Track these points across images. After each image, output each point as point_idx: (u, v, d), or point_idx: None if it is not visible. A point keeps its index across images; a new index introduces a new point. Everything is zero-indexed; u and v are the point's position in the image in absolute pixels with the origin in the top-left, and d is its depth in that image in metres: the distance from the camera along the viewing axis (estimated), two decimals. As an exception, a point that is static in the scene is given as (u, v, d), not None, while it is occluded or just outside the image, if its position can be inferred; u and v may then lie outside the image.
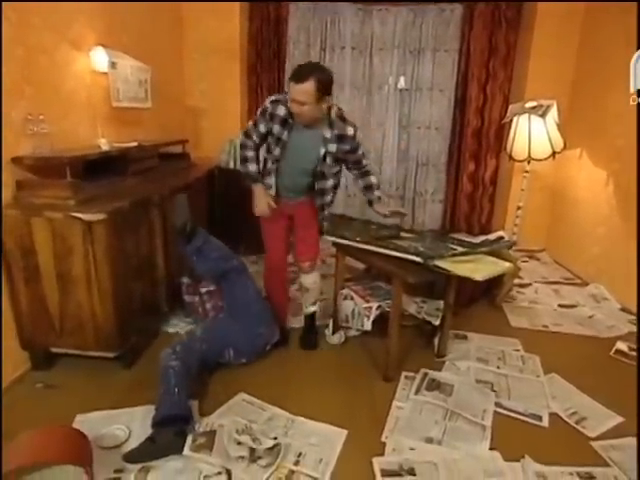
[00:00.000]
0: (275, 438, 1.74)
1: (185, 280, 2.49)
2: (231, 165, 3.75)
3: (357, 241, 2.18)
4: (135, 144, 2.62)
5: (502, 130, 4.09)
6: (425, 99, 4.35)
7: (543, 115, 3.15)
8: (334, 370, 2.25)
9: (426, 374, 2.24)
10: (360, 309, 2.20)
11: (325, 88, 2.01)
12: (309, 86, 1.96)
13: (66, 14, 2.33)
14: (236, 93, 4.10)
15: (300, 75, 1.98)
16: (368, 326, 2.16)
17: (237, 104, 4.12)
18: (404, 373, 2.26)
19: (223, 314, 2.34)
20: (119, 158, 2.50)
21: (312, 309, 2.74)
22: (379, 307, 2.17)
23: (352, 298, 2.28)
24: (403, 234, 2.44)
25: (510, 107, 3.47)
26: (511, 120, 3.44)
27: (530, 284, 3.41)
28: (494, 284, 2.99)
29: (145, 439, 1.73)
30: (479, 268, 1.90)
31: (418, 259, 1.96)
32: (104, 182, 2.30)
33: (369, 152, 4.60)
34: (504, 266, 2.00)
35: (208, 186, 3.28)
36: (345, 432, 1.84)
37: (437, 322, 2.18)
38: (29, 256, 1.96)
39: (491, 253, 2.09)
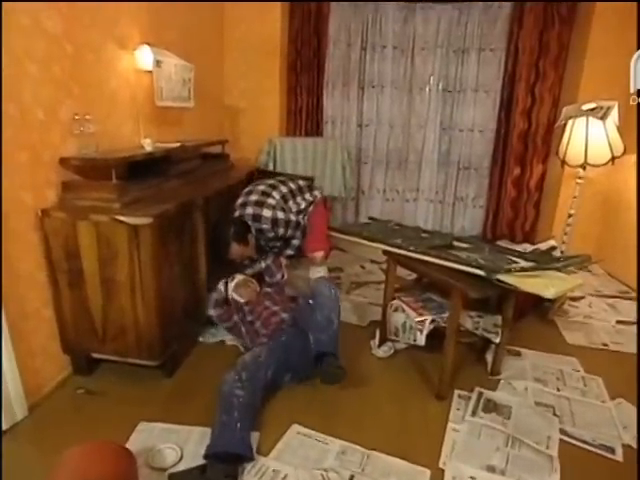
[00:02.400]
0: (352, 477, 1.61)
1: (215, 295, 2.34)
2: (270, 166, 3.65)
3: (412, 250, 2.04)
4: (178, 145, 2.54)
5: (550, 134, 3.88)
6: (469, 100, 4.17)
7: (603, 117, 2.92)
8: (384, 388, 2.10)
9: (481, 394, 2.08)
10: (412, 322, 2.05)
11: (243, 238, 2.44)
12: (234, 247, 2.41)
13: (111, 12, 2.26)
14: (275, 92, 4.00)
15: (222, 250, 2.42)
16: (422, 341, 2.02)
17: (276, 103, 4.02)
18: (457, 392, 2.11)
19: (286, 332, 2.18)
20: (162, 159, 2.42)
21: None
22: (433, 321, 2.02)
23: (403, 310, 2.14)
24: (456, 243, 2.29)
25: (564, 109, 3.25)
26: (565, 123, 3.23)
27: (583, 297, 3.19)
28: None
29: (196, 467, 1.61)
30: (549, 284, 1.73)
31: (481, 273, 1.80)
32: (148, 184, 2.22)
33: (408, 155, 4.46)
34: (574, 282, 1.83)
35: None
36: (428, 472, 1.66)
37: (497, 340, 2.02)
38: (73, 259, 1.89)
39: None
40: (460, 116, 4.24)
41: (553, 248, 2.84)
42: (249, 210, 2.54)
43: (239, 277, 2.38)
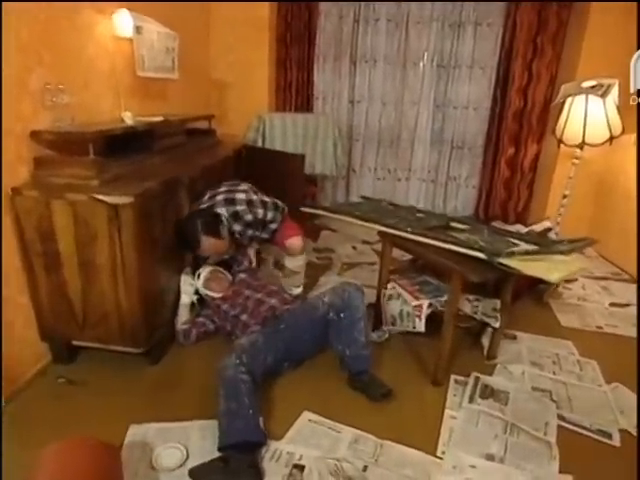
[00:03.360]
0: (365, 467, 1.55)
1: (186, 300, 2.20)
2: (259, 143, 3.50)
3: (409, 232, 1.94)
4: (161, 119, 2.38)
5: (546, 112, 3.77)
6: (464, 77, 4.04)
7: (604, 95, 2.83)
8: (379, 374, 2.01)
9: (478, 379, 2.03)
10: (409, 309, 1.97)
11: (215, 230, 2.15)
12: (205, 242, 2.11)
13: (88, -29, 2.07)
14: (264, 66, 3.81)
15: (191, 245, 2.15)
16: (422, 327, 1.94)
17: (265, 78, 3.85)
18: (453, 377, 2.04)
19: (284, 321, 1.99)
20: (144, 134, 2.26)
21: (297, 291, 2.57)
22: (430, 305, 1.94)
23: (399, 297, 2.05)
24: (453, 224, 2.19)
25: (563, 87, 3.14)
26: (563, 101, 3.12)
27: (576, 279, 3.15)
28: (540, 279, 2.74)
29: (216, 458, 1.53)
30: (553, 268, 1.66)
31: (482, 256, 1.72)
32: (129, 160, 2.07)
33: (401, 133, 4.33)
34: (578, 266, 1.76)
35: (235, 166, 3.04)
36: (441, 463, 1.60)
37: (497, 324, 1.95)
38: (49, 241, 1.75)
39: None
40: (455, 93, 4.11)
41: (548, 229, 2.77)
42: (220, 197, 2.27)
43: (206, 269, 2.25)
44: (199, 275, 2.22)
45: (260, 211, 2.32)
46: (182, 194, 2.12)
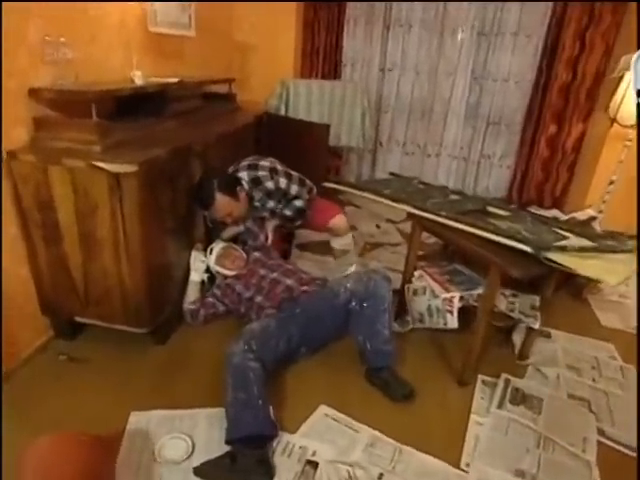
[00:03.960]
0: (381, 476, 1.40)
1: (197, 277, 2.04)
2: (282, 111, 3.25)
3: (443, 216, 1.72)
4: (175, 80, 2.17)
5: (597, 87, 3.40)
6: (507, 46, 3.65)
7: (670, 70, 2.48)
8: (401, 368, 1.82)
9: (508, 381, 1.82)
10: (439, 303, 1.76)
11: (231, 189, 1.98)
12: (220, 200, 1.93)
13: None
14: (290, 29, 3.52)
15: (204, 201, 1.96)
16: (454, 323, 1.73)
17: (291, 41, 3.56)
18: (480, 377, 1.85)
19: (300, 304, 1.80)
20: (156, 96, 2.06)
21: (352, 269, 2.38)
22: (462, 298, 1.73)
23: (425, 291, 1.84)
24: (491, 209, 1.95)
25: (623, 58, 2.78)
26: (622, 75, 2.77)
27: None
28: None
29: (221, 456, 1.41)
30: (610, 268, 1.41)
31: (527, 249, 1.49)
32: (137, 125, 1.88)
33: (433, 105, 4.01)
34: (634, 266, 1.51)
35: (255, 134, 2.82)
36: (467, 477, 1.43)
37: (537, 325, 1.73)
38: (48, 211, 1.59)
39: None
40: (495, 64, 3.74)
41: (593, 218, 2.50)
42: (243, 163, 2.12)
43: (219, 245, 2.08)
44: (211, 250, 2.05)
45: (283, 181, 2.11)
46: (194, 163, 1.93)
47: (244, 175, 2.07)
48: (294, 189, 2.14)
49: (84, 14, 1.85)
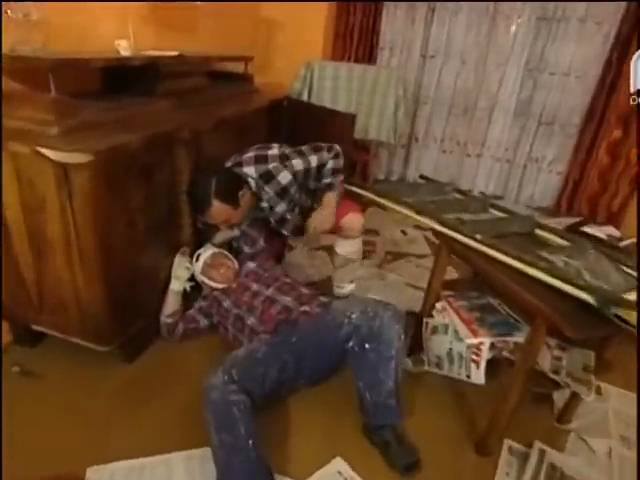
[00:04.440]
0: None
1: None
2: (304, 96, 2.89)
3: (480, 241, 1.33)
4: (174, 54, 1.84)
5: (677, 87, 2.84)
6: (571, 34, 3.12)
7: None
8: (407, 420, 1.47)
9: (543, 453, 1.42)
10: (463, 349, 1.38)
11: (232, 196, 1.66)
12: (216, 208, 1.63)
13: None
14: (322, 6, 3.12)
15: (198, 205, 1.68)
16: (480, 379, 1.35)
17: (322, 20, 3.16)
18: (507, 442, 1.46)
19: (297, 331, 1.48)
20: (148, 71, 1.74)
21: (349, 288, 2.04)
22: (493, 346, 1.34)
23: (447, 330, 1.45)
24: (541, 232, 1.54)
25: None
26: None
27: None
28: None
29: None
30: None
31: (590, 300, 1.08)
32: (116, 104, 1.57)
33: (478, 99, 3.53)
34: None
35: (271, 121, 2.46)
36: None
37: (590, 397, 1.31)
38: (-8, 202, 1.31)
39: None
40: (555, 54, 3.22)
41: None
42: (248, 155, 1.75)
43: (207, 252, 1.75)
44: (198, 257, 1.74)
45: (298, 161, 1.75)
46: (180, 153, 1.60)
47: (250, 171, 1.72)
48: (314, 159, 1.79)
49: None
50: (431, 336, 1.53)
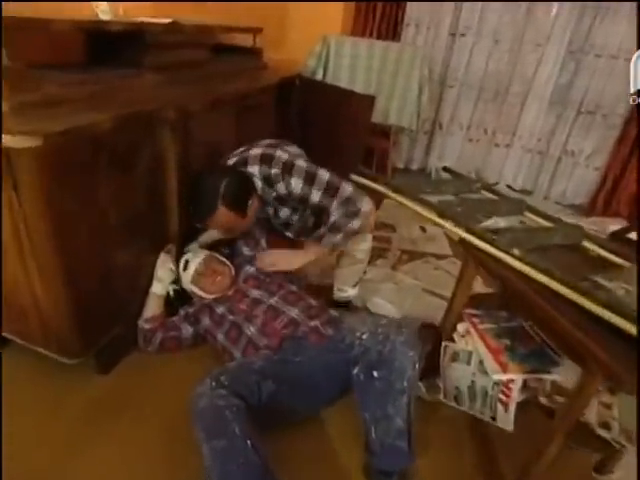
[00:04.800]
0: None
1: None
2: (319, 75, 2.60)
3: (517, 257, 1.06)
4: (167, 21, 1.59)
5: None
6: (624, 11, 2.74)
7: None
8: (420, 459, 1.24)
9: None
10: (488, 385, 1.14)
11: (242, 204, 1.43)
12: (221, 215, 1.39)
13: None
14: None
15: (200, 211, 1.42)
16: (508, 424, 1.11)
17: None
18: (535, 495, 1.22)
19: (303, 349, 1.27)
20: (134, 40, 1.49)
21: (352, 293, 1.78)
22: (526, 386, 1.10)
23: (470, 359, 1.20)
24: (591, 245, 1.26)
25: None
26: None
27: None
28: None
29: None
30: None
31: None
32: (89, 76, 1.33)
33: (511, 83, 3.19)
34: None
35: (280, 102, 2.20)
36: None
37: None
38: None
39: None
40: (602, 34, 2.85)
41: None
42: (255, 151, 1.49)
43: (197, 257, 1.51)
44: (186, 263, 1.50)
45: (296, 182, 1.42)
46: (164, 137, 1.35)
47: (255, 171, 1.47)
48: (315, 196, 1.43)
49: None
50: (450, 363, 1.28)
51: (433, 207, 1.37)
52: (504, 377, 1.12)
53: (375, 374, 1.15)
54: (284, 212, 1.59)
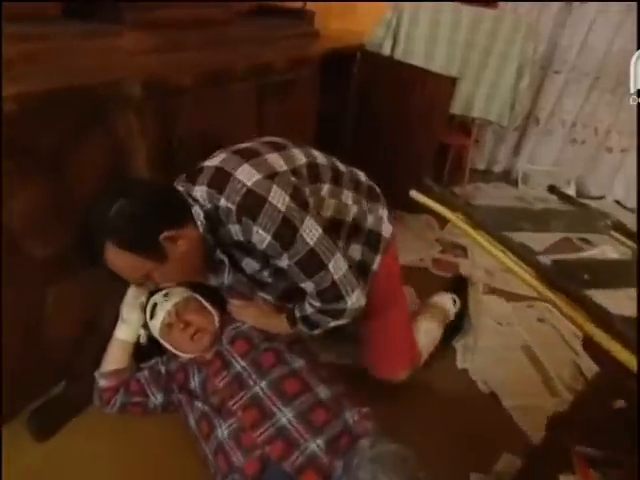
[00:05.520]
0: None
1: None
2: (386, 48, 2.02)
3: None
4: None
5: None
6: None
7: None
8: None
9: None
10: None
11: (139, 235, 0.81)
12: (114, 258, 0.82)
13: None
14: None
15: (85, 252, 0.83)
16: None
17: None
18: None
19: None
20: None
21: None
22: None
23: None
24: None
25: None
26: None
27: None
28: None
29: None
30: None
31: None
32: (41, 29, 0.90)
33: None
34: None
35: (329, 80, 1.66)
36: None
37: None
38: None
39: None
40: None
41: None
42: (217, 160, 0.86)
43: (172, 299, 1.04)
44: (153, 308, 1.04)
45: (262, 237, 0.82)
46: (126, 121, 0.90)
47: (199, 195, 0.86)
48: (284, 263, 0.87)
49: None
50: None
51: (537, 267, 0.81)
52: None
53: None
54: (250, 265, 0.99)
